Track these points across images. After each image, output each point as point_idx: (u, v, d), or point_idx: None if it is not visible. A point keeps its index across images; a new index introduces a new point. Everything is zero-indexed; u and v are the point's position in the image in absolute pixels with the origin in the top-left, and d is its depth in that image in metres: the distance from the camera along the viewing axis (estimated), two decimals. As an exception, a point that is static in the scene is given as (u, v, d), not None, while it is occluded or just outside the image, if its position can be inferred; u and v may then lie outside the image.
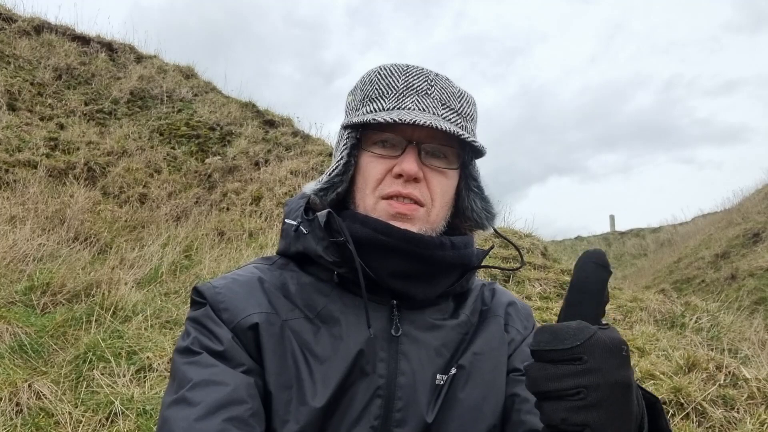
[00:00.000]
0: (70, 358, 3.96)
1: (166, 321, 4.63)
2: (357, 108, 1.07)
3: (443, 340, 1.04)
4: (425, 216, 1.03)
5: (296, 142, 9.43)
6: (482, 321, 1.11)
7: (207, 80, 11.50)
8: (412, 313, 1.04)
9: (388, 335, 1.01)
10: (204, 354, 0.96)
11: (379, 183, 1.02)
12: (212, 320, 0.99)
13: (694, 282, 12.07)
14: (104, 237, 6.64)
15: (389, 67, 1.07)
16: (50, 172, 7.85)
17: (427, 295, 1.03)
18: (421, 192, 1.02)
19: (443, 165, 1.04)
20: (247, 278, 1.06)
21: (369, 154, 1.04)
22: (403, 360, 1.00)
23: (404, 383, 0.99)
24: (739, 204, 15.97)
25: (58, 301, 4.83)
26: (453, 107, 1.05)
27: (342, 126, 1.09)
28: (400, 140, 1.02)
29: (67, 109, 9.47)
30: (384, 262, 1.00)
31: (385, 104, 1.03)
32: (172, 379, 0.96)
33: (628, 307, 5.07)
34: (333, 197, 1.04)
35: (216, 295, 1.02)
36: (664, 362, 3.85)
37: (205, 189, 8.51)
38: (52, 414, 3.39)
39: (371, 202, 1.02)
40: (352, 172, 1.05)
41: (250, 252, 6.08)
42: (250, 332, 0.98)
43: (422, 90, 1.03)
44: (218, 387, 0.91)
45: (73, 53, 10.89)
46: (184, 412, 0.89)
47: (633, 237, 20.98)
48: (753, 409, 3.37)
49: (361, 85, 1.09)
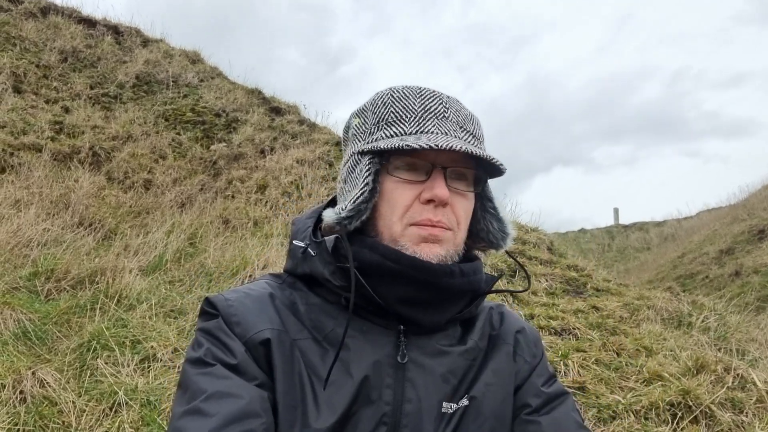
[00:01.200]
0: (74, 346, 3.95)
1: (171, 310, 4.62)
2: (371, 131, 1.05)
3: (450, 366, 1.04)
4: (452, 239, 1.02)
5: (302, 131, 9.38)
6: (491, 347, 1.11)
7: (213, 65, 11.44)
8: (419, 339, 1.03)
9: (394, 361, 1.01)
10: (218, 366, 0.95)
11: (407, 209, 1.01)
12: (225, 333, 0.99)
13: (697, 277, 12.03)
14: (109, 223, 6.62)
15: (401, 89, 1.06)
16: (55, 156, 7.82)
17: (434, 321, 1.03)
18: (448, 218, 1.01)
19: (465, 188, 1.04)
20: (259, 293, 1.05)
21: (394, 179, 1.02)
22: (409, 387, 1.00)
23: (410, 411, 0.99)
24: (745, 200, 15.91)
25: (63, 287, 4.82)
26: (469, 130, 1.05)
27: (357, 152, 1.06)
28: (425, 164, 1.01)
29: (72, 93, 9.42)
30: (392, 288, 0.99)
31: (406, 128, 1.02)
32: (183, 390, 0.95)
33: (634, 305, 5.04)
34: (357, 225, 1.02)
35: (229, 308, 1.01)
36: (671, 363, 3.82)
37: (210, 176, 8.47)
38: (56, 402, 3.38)
39: (399, 228, 1.01)
40: (376, 198, 1.03)
41: (255, 241, 6.06)
42: (262, 348, 0.98)
43: (440, 113, 1.03)
44: (233, 399, 0.91)
45: (79, 36, 10.82)
46: (198, 422, 0.88)
47: (637, 230, 20.93)
48: (762, 413, 3.34)
49: (373, 108, 1.07)
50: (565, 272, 5.69)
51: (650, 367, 3.71)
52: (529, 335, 1.17)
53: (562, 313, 4.64)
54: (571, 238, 20.48)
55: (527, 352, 1.13)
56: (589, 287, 5.49)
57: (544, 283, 5.36)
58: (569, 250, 7.43)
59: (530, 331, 1.18)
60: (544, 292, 5.16)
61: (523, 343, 1.14)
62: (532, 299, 4.94)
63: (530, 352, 1.14)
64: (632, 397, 3.45)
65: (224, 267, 5.43)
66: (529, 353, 1.13)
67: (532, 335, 1.18)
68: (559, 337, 4.26)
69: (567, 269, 5.81)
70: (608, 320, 4.60)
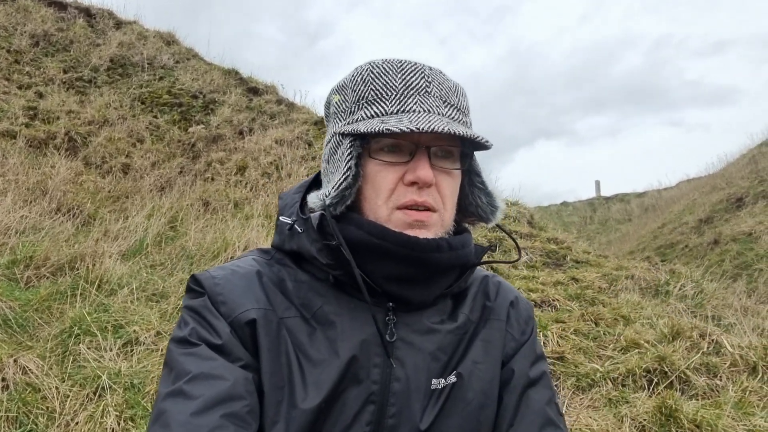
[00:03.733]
0: (56, 332, 3.93)
1: (153, 294, 4.61)
2: (351, 111, 1.02)
3: (440, 344, 1.02)
4: (439, 221, 1.00)
5: (281, 110, 9.31)
6: (484, 320, 1.09)
7: (189, 47, 11.28)
8: (408, 316, 1.02)
9: (383, 340, 0.99)
10: (203, 346, 0.94)
11: (391, 192, 0.98)
12: (210, 312, 0.98)
13: (677, 247, 12.20)
14: (87, 208, 6.55)
15: (381, 64, 1.02)
16: (30, 142, 7.71)
17: (423, 298, 1.01)
18: (434, 197, 0.99)
19: (450, 166, 1.01)
20: (246, 271, 1.03)
21: (377, 161, 0.99)
22: (398, 366, 0.99)
23: (398, 389, 0.98)
24: (723, 169, 16.10)
25: (42, 274, 4.78)
26: (453, 103, 1.01)
27: (338, 133, 1.03)
28: (408, 144, 0.98)
29: (45, 77, 9.26)
30: (379, 265, 0.98)
31: (387, 107, 0.98)
32: (168, 370, 0.95)
33: (613, 275, 5.12)
34: (342, 210, 1.00)
35: (214, 287, 1.00)
36: (648, 331, 3.90)
37: (189, 159, 8.40)
38: (39, 389, 3.38)
39: (385, 212, 0.98)
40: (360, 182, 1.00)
41: (236, 223, 6.04)
42: (247, 328, 0.97)
43: (422, 88, 0.99)
44: (217, 381, 0.90)
45: (50, 19, 10.61)
46: (182, 405, 0.88)
47: (618, 202, 21.13)
48: (735, 377, 3.43)
49: (353, 85, 1.03)
50: (545, 245, 5.75)
51: (627, 336, 3.78)
52: (522, 311, 1.15)
53: (542, 285, 4.70)
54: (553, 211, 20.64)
55: (516, 329, 1.12)
56: (569, 259, 5.56)
57: (525, 256, 5.41)
58: (551, 223, 7.50)
59: (523, 306, 1.16)
60: (524, 265, 5.22)
61: (514, 320, 1.12)
62: (512, 272, 5.00)
63: (519, 329, 1.12)
64: (610, 365, 3.52)
65: (205, 249, 5.42)
66: (518, 330, 1.12)
67: (525, 311, 1.16)
68: (539, 309, 4.32)
69: (547, 242, 5.88)
70: (587, 291, 4.67)
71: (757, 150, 15.17)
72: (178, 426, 0.86)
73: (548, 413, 1.06)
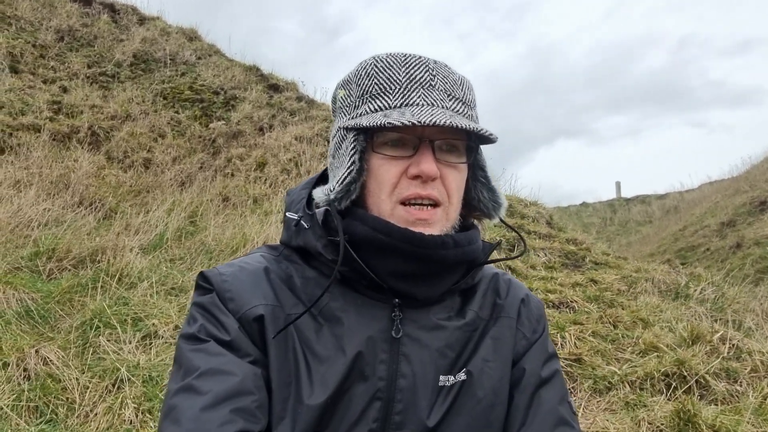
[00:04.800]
0: (77, 324, 3.98)
1: (172, 288, 4.65)
2: (356, 105, 1.02)
3: (447, 340, 1.02)
4: (443, 216, 1.00)
5: (301, 107, 9.35)
6: (494, 318, 1.08)
7: (210, 43, 11.36)
8: (415, 313, 1.01)
9: (389, 336, 0.99)
10: (211, 342, 0.95)
11: (395, 186, 0.98)
12: (219, 309, 0.98)
13: (699, 250, 12.06)
14: (109, 202, 6.63)
15: (385, 58, 1.02)
16: (54, 136, 7.81)
17: (429, 294, 1.01)
18: (439, 191, 0.98)
19: (455, 160, 1.00)
20: (254, 268, 1.04)
21: (380, 156, 0.98)
22: (404, 362, 0.98)
23: (404, 386, 0.98)
24: (747, 171, 15.86)
25: (64, 266, 4.85)
26: (458, 97, 1.00)
27: (343, 127, 1.03)
28: (412, 138, 0.97)
29: (69, 72, 9.38)
30: (384, 261, 0.97)
31: (390, 101, 0.97)
32: (178, 366, 0.96)
33: (632, 277, 5.07)
34: (347, 204, 1.00)
35: (223, 283, 1.01)
36: (667, 334, 3.86)
37: (210, 154, 8.47)
38: (60, 379, 3.43)
39: (388, 207, 0.98)
40: (364, 176, 1.00)
41: (255, 218, 6.08)
42: (255, 324, 0.97)
43: (426, 82, 0.98)
44: (226, 377, 0.91)
45: (75, 15, 10.74)
46: (192, 400, 0.89)
47: (639, 204, 20.92)
48: (756, 383, 3.38)
49: (357, 80, 1.03)
50: (563, 246, 5.71)
51: (646, 339, 3.75)
52: (533, 309, 1.13)
53: (560, 286, 4.67)
54: (572, 211, 20.48)
55: (527, 327, 1.10)
56: (588, 261, 5.51)
57: (543, 257, 5.38)
58: (570, 223, 7.45)
59: (534, 304, 1.15)
60: (542, 266, 5.19)
61: (525, 317, 1.11)
62: (530, 273, 4.97)
63: (531, 328, 1.11)
64: (628, 368, 3.49)
65: (224, 244, 5.46)
66: (530, 328, 1.11)
67: (536, 309, 1.14)
68: (557, 310, 4.29)
69: (566, 243, 5.83)
70: (606, 293, 4.63)
71: (782, 152, 14.94)
72: (189, 421, 0.87)
73: (561, 412, 1.05)
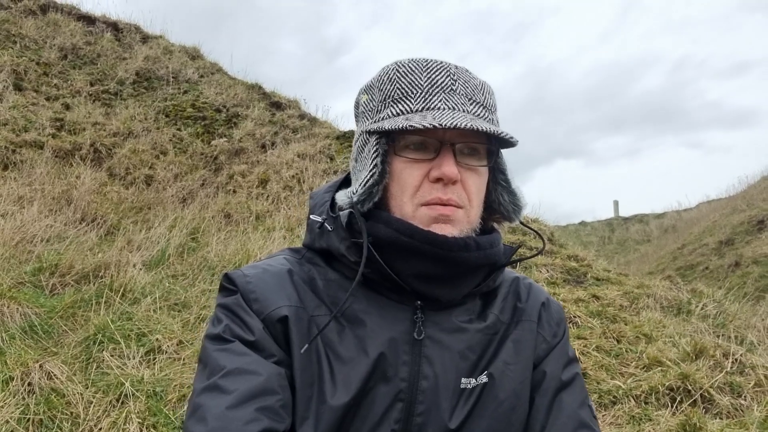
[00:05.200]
0: (80, 339, 3.98)
1: (175, 303, 4.66)
2: (378, 109, 1.03)
3: (469, 342, 1.02)
4: (465, 217, 1.01)
5: (303, 125, 9.40)
6: (515, 322, 1.09)
7: (213, 61, 11.44)
8: (436, 315, 1.02)
9: (410, 338, 1.00)
10: (236, 342, 0.96)
11: (417, 189, 0.99)
12: (243, 309, 0.99)
13: (697, 269, 12.07)
14: (111, 218, 6.64)
15: (407, 63, 1.03)
16: (56, 152, 7.84)
17: (451, 297, 1.02)
18: (459, 195, 0.99)
19: (476, 163, 1.01)
20: (277, 269, 1.05)
21: (402, 159, 1.00)
22: (426, 364, 0.99)
23: (426, 387, 0.98)
24: (744, 191, 15.94)
25: (67, 282, 4.85)
26: (479, 101, 1.02)
27: (365, 131, 1.04)
28: (433, 141, 0.98)
29: (72, 90, 9.44)
30: (407, 263, 0.98)
31: (412, 105, 0.99)
32: (203, 366, 0.97)
33: (634, 293, 5.09)
34: (370, 207, 1.02)
35: (247, 284, 1.02)
36: (671, 349, 3.87)
37: (212, 171, 8.50)
38: (64, 394, 3.42)
39: (410, 209, 0.99)
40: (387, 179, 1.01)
41: (257, 235, 6.09)
42: (280, 325, 0.98)
43: (447, 86, 1.00)
44: (251, 376, 0.92)
45: (79, 33, 10.83)
46: (217, 399, 0.90)
47: (637, 223, 20.97)
48: (760, 397, 3.39)
49: (379, 84, 1.04)
50: (565, 262, 5.73)
51: (650, 353, 3.76)
52: (553, 313, 1.14)
53: (563, 302, 4.68)
54: (571, 230, 20.51)
55: (548, 330, 1.11)
56: (590, 277, 5.53)
57: (545, 273, 5.40)
58: (569, 241, 7.47)
59: (555, 308, 1.16)
60: (545, 282, 5.20)
61: (545, 321, 1.12)
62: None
63: (551, 331, 1.12)
64: (632, 383, 3.49)
65: (227, 261, 5.47)
66: (550, 332, 1.11)
67: (557, 313, 1.15)
68: (559, 326, 4.30)
69: (567, 259, 5.86)
70: (608, 308, 4.65)
71: (779, 172, 15.03)
72: (214, 419, 0.88)
73: (581, 416, 1.05)
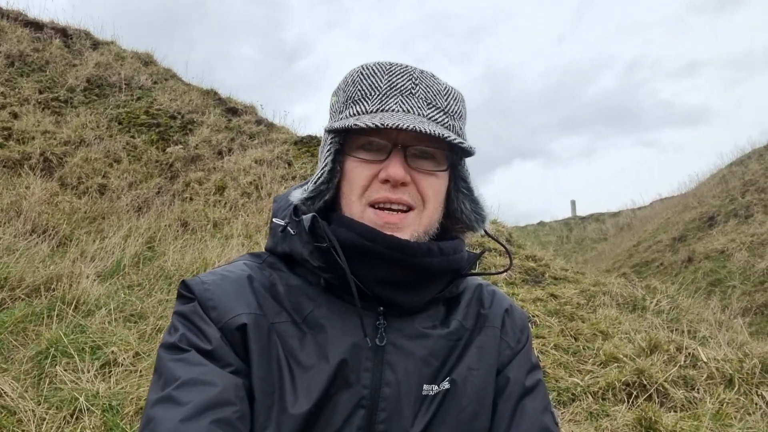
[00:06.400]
0: (32, 354, 3.86)
1: (131, 314, 4.55)
2: (340, 110, 1.04)
3: (431, 349, 1.02)
4: (416, 220, 1.00)
5: (260, 131, 9.32)
6: (478, 328, 1.09)
7: (167, 67, 11.26)
8: (399, 321, 1.02)
9: (373, 344, 0.99)
10: (192, 352, 0.94)
11: (365, 189, 0.99)
12: (200, 318, 0.97)
13: (652, 265, 12.38)
14: (63, 229, 6.46)
15: (372, 66, 1.04)
16: (4, 162, 7.60)
17: (414, 302, 1.01)
18: (411, 195, 0.99)
19: (431, 167, 1.01)
20: (237, 276, 1.03)
21: (353, 159, 1.00)
22: (388, 370, 0.98)
23: (388, 394, 0.97)
24: (695, 188, 16.43)
25: (17, 296, 4.70)
26: (439, 106, 1.01)
27: (325, 130, 1.05)
28: (385, 144, 0.99)
29: (20, 98, 9.16)
30: (370, 269, 0.98)
31: (368, 106, 0.99)
32: (158, 376, 0.94)
33: (591, 291, 5.18)
34: (320, 205, 1.01)
35: (205, 292, 0.99)
36: (626, 345, 3.95)
37: (167, 179, 8.35)
38: (15, 412, 3.31)
39: (358, 209, 0.99)
40: (338, 178, 1.02)
41: (215, 243, 6.01)
42: (238, 333, 0.96)
43: (406, 90, 1.00)
44: (206, 387, 0.90)
45: (26, 39, 10.52)
46: (171, 411, 0.88)
47: (593, 222, 21.41)
48: (712, 389, 3.49)
49: (344, 86, 1.05)
50: (524, 262, 5.81)
51: (606, 350, 3.83)
52: (516, 319, 1.14)
53: (521, 302, 4.74)
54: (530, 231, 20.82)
55: (511, 336, 1.11)
56: (548, 276, 5.61)
57: (504, 274, 5.46)
58: (528, 242, 7.58)
59: (518, 315, 1.15)
60: (503, 282, 5.26)
61: (509, 327, 1.12)
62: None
63: (515, 338, 1.12)
64: (590, 379, 3.55)
65: (184, 269, 5.38)
66: (514, 338, 1.11)
67: (520, 319, 1.15)
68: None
69: (526, 260, 5.93)
70: (566, 307, 4.72)
71: (728, 170, 15.52)
72: None
73: (544, 422, 1.06)
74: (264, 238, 6.19)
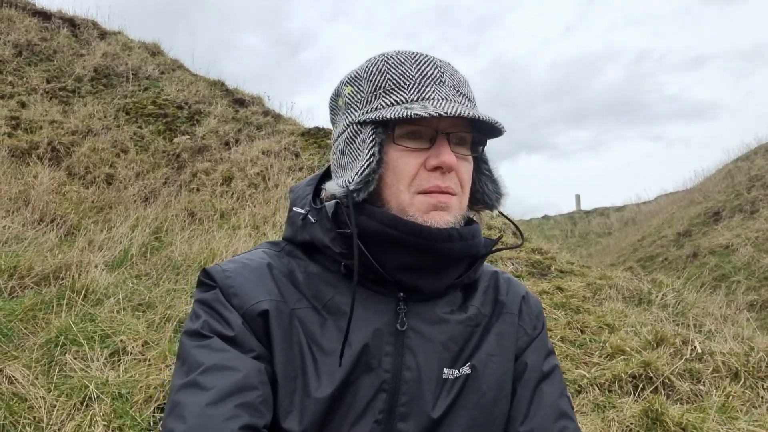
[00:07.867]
0: (42, 342, 3.89)
1: (139, 304, 4.58)
2: (368, 100, 1.03)
3: (450, 334, 1.04)
4: (458, 204, 1.02)
5: (267, 122, 9.33)
6: (496, 315, 1.11)
7: (174, 57, 11.27)
8: (419, 306, 1.03)
9: (394, 329, 1.01)
10: (215, 338, 0.95)
11: (413, 178, 1.00)
12: (222, 305, 0.99)
13: (657, 260, 12.37)
14: (71, 219, 6.49)
15: (395, 55, 1.04)
16: (12, 152, 7.63)
17: (434, 288, 1.03)
18: (454, 182, 1.01)
19: (466, 152, 1.04)
20: (257, 264, 1.05)
21: (399, 148, 1.00)
22: (409, 354, 1.00)
23: (409, 378, 0.99)
24: (701, 183, 16.39)
25: (26, 284, 4.73)
26: (464, 93, 1.04)
27: (357, 121, 1.04)
28: (428, 131, 1.00)
29: (28, 87, 9.19)
30: (391, 255, 0.99)
31: (406, 95, 1.00)
32: (182, 362, 0.96)
33: (597, 284, 5.19)
34: (365, 196, 1.01)
35: (226, 279, 1.01)
36: (633, 338, 3.97)
37: (174, 169, 8.37)
38: (26, 399, 3.34)
39: (407, 197, 0.99)
40: None
41: (222, 233, 6.03)
42: (260, 319, 0.98)
43: (437, 78, 1.02)
44: (230, 372, 0.92)
45: (34, 29, 10.55)
46: (196, 396, 0.89)
47: (598, 216, 21.39)
48: (718, 382, 3.50)
49: (367, 76, 1.05)
50: (530, 255, 5.82)
51: (613, 343, 3.84)
52: (533, 306, 1.17)
53: (528, 294, 4.76)
54: (535, 224, 20.82)
55: (528, 323, 1.14)
56: (553, 269, 5.62)
57: (510, 266, 5.47)
58: (533, 236, 7.58)
59: (533, 302, 1.18)
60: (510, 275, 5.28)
61: (525, 314, 1.14)
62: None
63: (531, 324, 1.14)
64: (596, 372, 3.57)
65: (191, 260, 5.40)
66: (530, 325, 1.14)
67: (535, 306, 1.18)
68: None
69: (532, 253, 5.94)
70: (572, 300, 4.74)
71: (733, 165, 15.48)
72: (193, 417, 0.87)
73: (561, 406, 1.08)
74: (271, 228, 6.21)
